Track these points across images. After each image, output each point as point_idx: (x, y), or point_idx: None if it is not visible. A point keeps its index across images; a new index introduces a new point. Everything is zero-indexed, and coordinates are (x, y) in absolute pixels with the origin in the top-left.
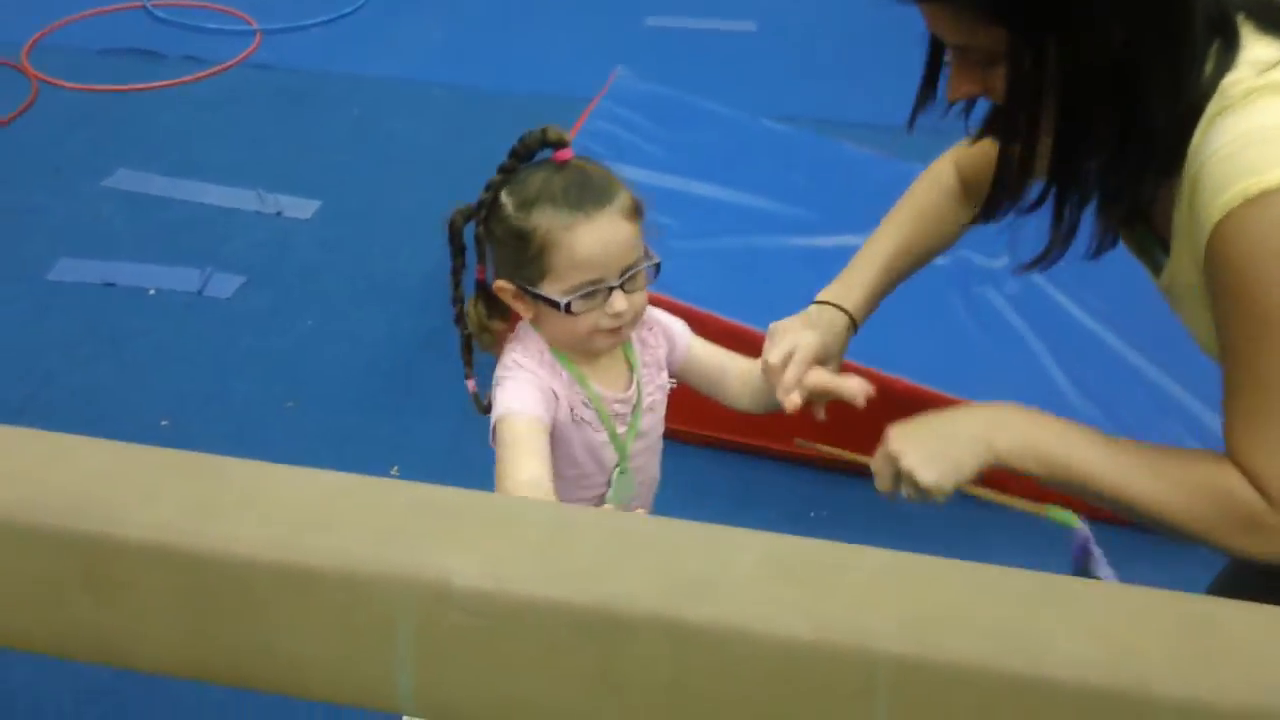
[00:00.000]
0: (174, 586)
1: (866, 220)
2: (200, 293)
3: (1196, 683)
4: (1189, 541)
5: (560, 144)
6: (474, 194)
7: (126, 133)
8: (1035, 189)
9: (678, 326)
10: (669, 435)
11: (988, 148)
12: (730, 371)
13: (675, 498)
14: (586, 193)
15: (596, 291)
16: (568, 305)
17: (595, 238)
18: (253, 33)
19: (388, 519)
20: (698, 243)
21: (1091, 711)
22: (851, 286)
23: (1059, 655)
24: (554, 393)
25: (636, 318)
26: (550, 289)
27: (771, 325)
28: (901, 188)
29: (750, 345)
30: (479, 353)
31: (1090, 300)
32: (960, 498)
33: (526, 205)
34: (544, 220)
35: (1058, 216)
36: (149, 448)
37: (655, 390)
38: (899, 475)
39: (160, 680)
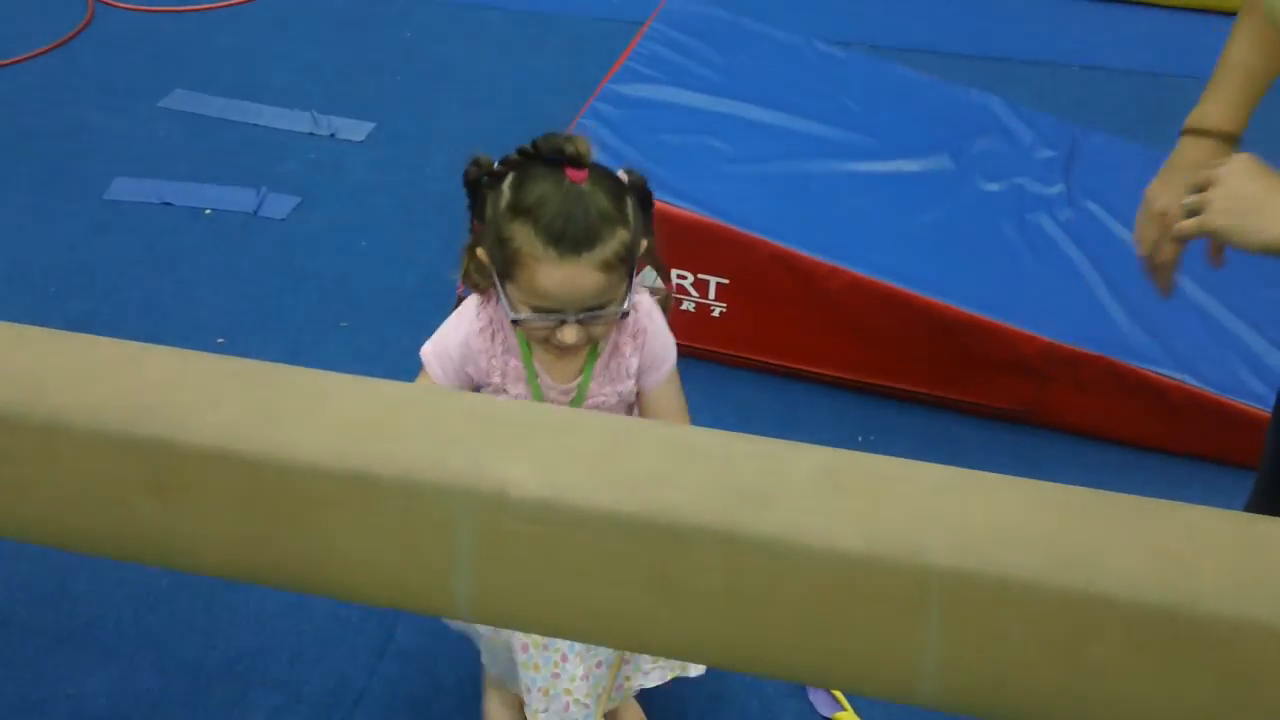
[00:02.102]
0: (236, 491)
1: (920, 145)
2: (255, 213)
3: (1252, 601)
4: None
5: (577, 161)
6: (527, 117)
7: (182, 54)
8: None
9: (670, 358)
10: (719, 360)
11: None
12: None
13: (723, 421)
14: (571, 230)
15: (551, 313)
16: (515, 320)
17: (558, 280)
18: None
19: (447, 427)
20: (749, 167)
21: (1145, 627)
22: (1218, 103)
23: (1113, 571)
24: (478, 366)
25: (591, 343)
26: (511, 292)
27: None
28: (956, 113)
29: (800, 271)
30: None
31: None
32: None
33: (515, 211)
34: (521, 237)
35: None
36: (213, 355)
37: (610, 395)
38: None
39: (218, 591)
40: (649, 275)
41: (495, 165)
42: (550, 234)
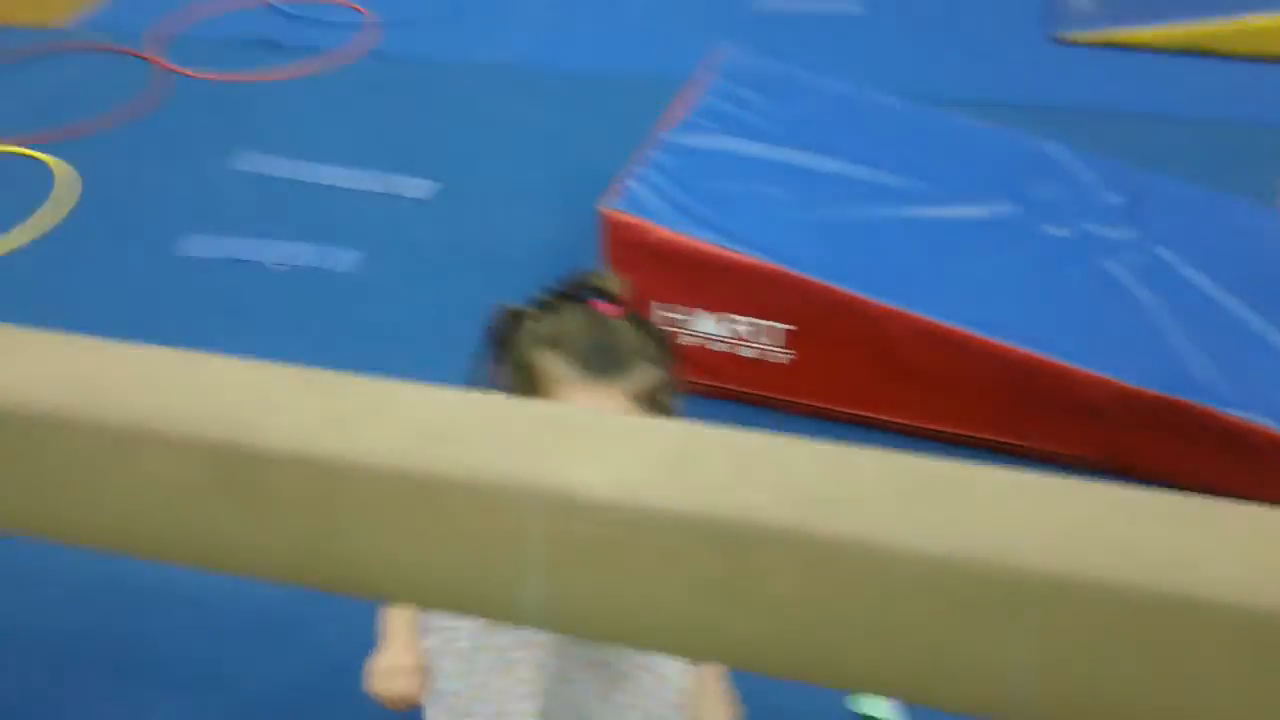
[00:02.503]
0: (304, 494)
1: (981, 190)
2: (321, 268)
3: None
4: None
5: (608, 295)
6: (583, 173)
7: (251, 119)
8: None
9: None
10: (784, 408)
11: None
12: None
13: None
14: (600, 358)
15: None
16: None
17: (585, 405)
18: (369, 25)
19: (516, 432)
20: (810, 213)
21: (1240, 632)
22: None
23: (1204, 575)
24: None
25: None
26: None
27: None
28: (1017, 158)
29: (867, 316)
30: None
31: (1222, 274)
32: None
33: (541, 342)
34: (549, 366)
35: None
36: (282, 365)
37: None
38: None
39: (284, 625)
40: None
41: (524, 308)
42: (581, 361)
